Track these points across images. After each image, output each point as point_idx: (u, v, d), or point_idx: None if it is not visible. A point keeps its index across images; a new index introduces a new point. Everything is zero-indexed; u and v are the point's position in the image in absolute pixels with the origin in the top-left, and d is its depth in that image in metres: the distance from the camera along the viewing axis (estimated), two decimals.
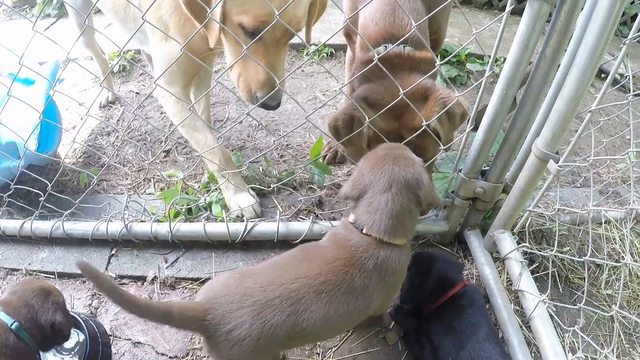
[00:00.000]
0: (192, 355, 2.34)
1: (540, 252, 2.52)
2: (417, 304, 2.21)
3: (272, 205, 3.01)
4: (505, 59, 1.91)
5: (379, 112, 2.15)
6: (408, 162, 1.81)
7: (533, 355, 2.23)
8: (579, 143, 3.51)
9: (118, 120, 3.96)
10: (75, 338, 2.27)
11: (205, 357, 2.33)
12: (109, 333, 2.42)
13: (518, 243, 2.47)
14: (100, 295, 2.62)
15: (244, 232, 2.66)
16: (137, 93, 4.30)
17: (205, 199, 2.93)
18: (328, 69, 3.25)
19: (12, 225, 2.87)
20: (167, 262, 2.73)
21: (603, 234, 2.90)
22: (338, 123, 2.30)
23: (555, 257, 2.53)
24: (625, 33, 5.56)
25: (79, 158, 3.59)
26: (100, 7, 2.93)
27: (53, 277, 2.73)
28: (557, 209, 2.44)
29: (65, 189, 3.28)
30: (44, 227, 2.83)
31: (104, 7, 2.88)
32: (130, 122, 3.89)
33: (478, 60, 4.52)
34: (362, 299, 1.72)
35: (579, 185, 3.39)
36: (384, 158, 1.82)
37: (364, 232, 1.76)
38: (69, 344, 2.25)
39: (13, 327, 1.85)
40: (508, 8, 1.74)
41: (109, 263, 2.75)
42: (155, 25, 2.25)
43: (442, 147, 2.21)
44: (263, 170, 3.27)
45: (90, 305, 2.58)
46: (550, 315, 2.20)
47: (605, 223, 2.95)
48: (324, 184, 3.06)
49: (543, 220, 2.83)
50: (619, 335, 2.46)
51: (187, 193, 3.00)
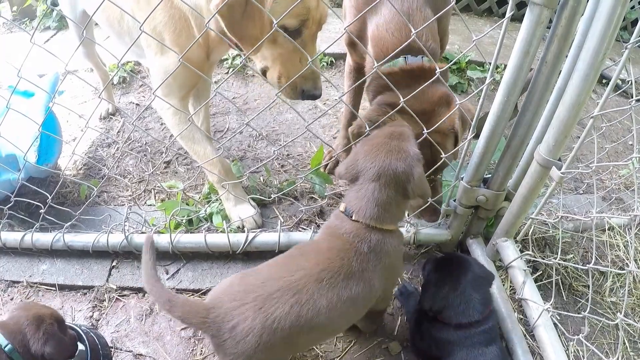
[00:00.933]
0: None
1: (544, 260, 2.51)
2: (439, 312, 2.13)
3: (273, 216, 3.01)
4: (506, 66, 1.90)
5: (406, 116, 2.18)
6: (401, 154, 1.81)
7: None
8: (581, 149, 3.50)
9: (118, 132, 3.96)
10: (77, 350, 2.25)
11: None
12: (110, 345, 2.41)
13: (521, 251, 2.46)
14: (101, 307, 2.61)
15: (245, 242, 2.65)
16: (137, 104, 4.29)
17: (206, 210, 2.93)
18: (328, 78, 3.25)
19: (12, 238, 2.86)
20: (168, 273, 2.72)
21: (607, 241, 2.88)
22: (362, 130, 2.28)
23: (559, 264, 2.52)
24: (626, 38, 5.56)
25: (80, 170, 3.58)
26: (97, 20, 2.94)
27: (54, 289, 2.72)
28: (560, 217, 2.41)
29: (66, 201, 3.27)
30: (45, 239, 2.82)
31: (100, 20, 2.88)
32: (131, 133, 3.88)
33: (478, 68, 4.51)
34: (363, 283, 1.75)
35: (582, 192, 3.37)
36: (379, 147, 1.84)
37: (353, 218, 1.82)
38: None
39: (6, 349, 1.88)
40: (508, 14, 1.72)
41: (110, 275, 2.74)
42: (152, 35, 2.25)
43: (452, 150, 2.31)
44: (264, 181, 3.26)
45: (92, 317, 2.57)
46: (555, 324, 2.19)
47: (609, 230, 2.93)
48: (325, 194, 3.04)
49: (546, 228, 2.81)
50: (624, 344, 2.43)
51: (187, 204, 3.00)
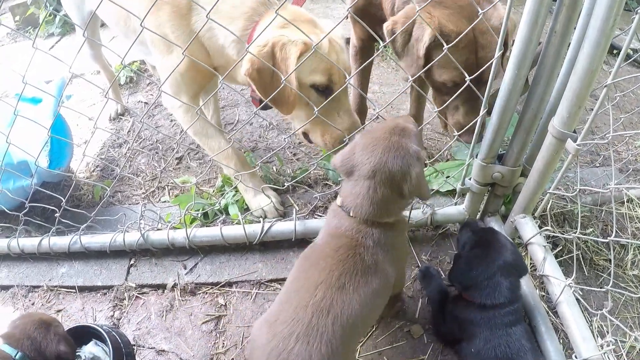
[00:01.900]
0: None
1: (563, 235, 2.47)
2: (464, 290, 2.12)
3: (288, 205, 3.00)
4: (514, 40, 1.87)
5: (447, 11, 2.08)
6: (399, 152, 1.74)
7: (561, 341, 2.18)
8: (595, 122, 3.46)
9: (128, 132, 3.98)
10: (100, 350, 2.27)
11: None
12: (133, 343, 2.42)
13: (540, 227, 2.43)
14: (122, 306, 2.62)
15: (261, 233, 2.66)
16: (145, 103, 4.31)
17: (220, 202, 2.93)
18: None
19: (30, 243, 2.89)
20: (186, 268, 2.73)
21: (626, 213, 2.84)
22: (397, 26, 2.17)
23: (579, 239, 2.49)
24: (634, 7, 5.48)
25: (93, 172, 3.61)
26: (104, 19, 2.95)
27: (74, 291, 2.75)
28: (577, 190, 2.38)
29: (81, 203, 3.29)
30: (62, 242, 2.85)
31: (108, 20, 2.90)
32: (140, 131, 3.89)
33: None
34: (380, 274, 1.75)
35: (599, 165, 3.33)
36: (378, 141, 1.77)
37: (351, 214, 1.78)
38: (94, 357, 2.26)
39: (17, 357, 1.91)
40: None
41: (129, 273, 2.76)
42: (156, 32, 2.24)
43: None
44: (277, 170, 3.27)
45: (112, 317, 2.58)
46: (577, 300, 2.16)
47: (628, 202, 2.88)
48: (339, 179, 3.01)
49: (564, 203, 2.79)
50: None
51: (201, 198, 3.01)
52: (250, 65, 2.08)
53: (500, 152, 2.35)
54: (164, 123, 4.01)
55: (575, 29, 1.89)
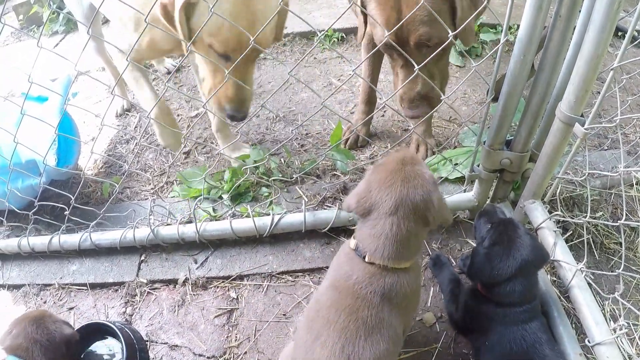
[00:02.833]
0: (229, 354, 2.35)
1: (573, 219, 2.47)
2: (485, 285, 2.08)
3: (297, 196, 3.01)
4: (519, 26, 1.87)
5: None
6: (418, 181, 1.67)
7: (574, 326, 2.18)
8: (602, 105, 3.45)
9: (135, 127, 3.99)
10: (113, 346, 2.30)
11: (242, 354, 2.34)
12: (145, 338, 2.44)
13: (549, 212, 2.41)
14: (134, 302, 2.64)
15: (271, 225, 2.67)
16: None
17: (230, 193, 2.96)
18: (341, 53, 3.20)
19: (40, 242, 2.91)
20: (196, 262, 2.74)
21: (635, 196, 2.83)
22: None
23: (589, 223, 2.49)
24: None
25: (101, 169, 3.62)
26: (104, 13, 2.96)
27: (85, 288, 2.77)
28: (586, 174, 2.38)
29: (90, 200, 3.30)
30: (72, 240, 2.86)
31: (106, 12, 2.91)
32: (147, 127, 3.89)
33: (491, 30, 4.46)
34: (386, 331, 1.61)
35: (607, 148, 3.32)
36: (393, 174, 1.69)
37: (367, 260, 1.67)
38: (107, 353, 2.29)
39: None
40: None
41: (140, 269, 2.78)
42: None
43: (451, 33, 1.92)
44: (285, 162, 3.27)
45: (125, 313, 2.61)
46: (589, 284, 2.15)
47: (637, 185, 2.87)
48: (348, 170, 3.04)
49: (573, 187, 2.78)
50: None
51: (209, 192, 3.02)
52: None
53: (508, 138, 2.34)
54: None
55: (580, 12, 1.88)
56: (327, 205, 2.91)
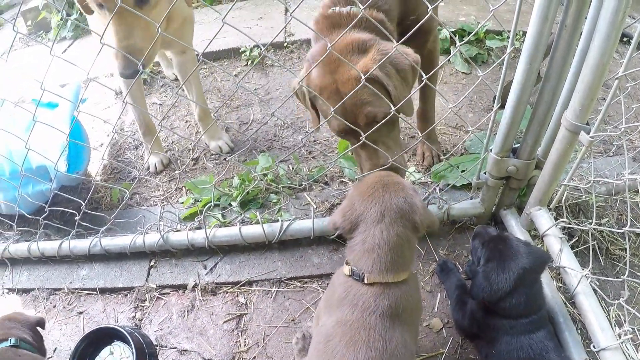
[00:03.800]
0: (238, 358, 2.39)
1: (579, 226, 2.48)
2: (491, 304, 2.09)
3: (305, 203, 3.04)
4: (526, 33, 1.90)
5: (319, 67, 2.14)
6: (397, 186, 1.74)
7: (579, 332, 2.21)
8: (608, 111, 3.46)
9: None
10: (123, 351, 2.34)
11: (252, 359, 2.37)
12: (155, 343, 2.47)
13: (555, 219, 2.44)
14: (143, 307, 2.68)
15: (280, 231, 2.70)
16: (159, 104, 4.35)
17: (235, 198, 3.01)
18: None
19: (50, 247, 2.95)
20: (206, 268, 2.78)
21: None
22: (295, 87, 2.29)
23: (595, 230, 2.51)
24: None
25: (110, 174, 3.65)
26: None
27: (95, 293, 2.80)
28: (592, 181, 2.40)
29: (99, 206, 3.34)
30: (82, 245, 2.90)
31: None
32: (157, 134, 3.92)
33: (497, 37, 4.44)
34: (398, 347, 1.59)
35: (612, 155, 3.32)
36: (373, 186, 1.75)
37: (367, 281, 1.65)
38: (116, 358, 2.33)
39: (12, 343, 2.14)
40: None
41: (149, 274, 2.81)
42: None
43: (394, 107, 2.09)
44: (293, 169, 3.30)
45: (134, 318, 2.64)
46: (594, 290, 2.18)
47: None
48: (356, 177, 3.05)
49: (579, 194, 2.80)
50: None
51: (218, 199, 3.05)
52: None
53: (515, 145, 2.37)
54: (180, 124, 4.05)
55: (586, 21, 1.90)
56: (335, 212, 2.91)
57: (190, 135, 3.90)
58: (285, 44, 4.70)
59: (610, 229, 2.58)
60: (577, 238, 2.59)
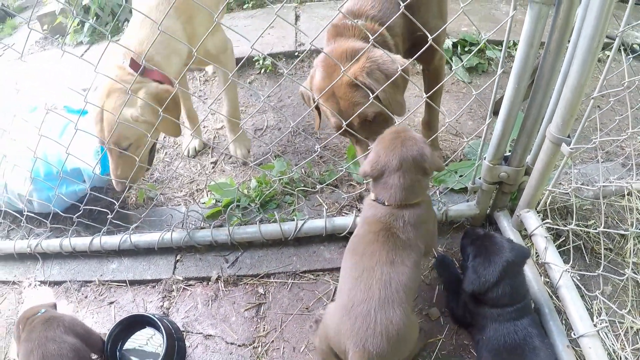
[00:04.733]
0: (257, 342, 2.60)
1: (563, 226, 2.69)
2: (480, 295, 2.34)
3: (317, 204, 3.24)
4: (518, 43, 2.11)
5: (320, 72, 2.41)
6: (412, 141, 2.12)
7: (563, 322, 2.40)
8: (601, 118, 3.56)
9: (165, 137, 4.18)
10: (153, 335, 2.59)
11: (270, 343, 2.58)
12: (182, 329, 2.69)
13: (543, 220, 2.64)
14: (170, 297, 2.89)
15: (296, 229, 2.92)
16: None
17: (255, 199, 3.23)
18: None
19: (82, 242, 3.17)
20: (228, 262, 2.99)
21: (626, 206, 2.99)
22: (301, 90, 2.64)
23: (581, 230, 2.73)
24: None
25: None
26: None
27: (124, 284, 3.02)
28: (572, 187, 2.62)
29: (126, 205, 3.54)
30: (112, 241, 3.13)
31: None
32: (176, 138, 4.13)
33: (497, 47, 4.55)
34: (414, 248, 2.10)
35: (602, 160, 3.46)
36: (393, 141, 2.13)
37: (386, 204, 2.12)
38: (150, 347, 2.58)
39: (42, 312, 2.44)
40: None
41: (175, 268, 3.03)
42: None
43: (391, 111, 2.39)
44: (306, 172, 3.48)
45: (162, 307, 2.85)
46: (578, 286, 2.39)
47: (629, 195, 3.03)
48: (364, 181, 3.23)
49: (567, 197, 2.92)
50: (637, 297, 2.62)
51: (239, 200, 3.25)
52: None
53: (507, 154, 2.56)
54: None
55: (569, 47, 2.10)
56: (345, 212, 3.15)
57: (209, 140, 4.07)
58: (296, 53, 4.78)
59: (587, 230, 2.76)
60: (564, 238, 2.76)
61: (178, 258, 3.08)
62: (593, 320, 2.25)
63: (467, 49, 4.64)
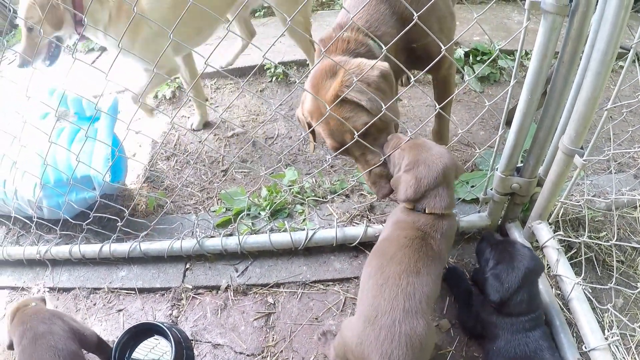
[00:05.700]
0: (266, 352, 2.58)
1: (575, 239, 2.65)
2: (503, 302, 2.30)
3: (328, 213, 3.23)
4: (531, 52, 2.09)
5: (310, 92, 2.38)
6: (445, 154, 2.15)
7: (574, 335, 2.38)
8: (614, 129, 3.54)
9: (175, 145, 4.21)
10: (162, 344, 2.56)
11: (279, 353, 2.57)
12: (191, 338, 2.68)
13: (555, 232, 2.61)
14: (179, 305, 2.88)
15: (306, 239, 2.90)
16: (188, 117, 4.54)
17: (265, 208, 3.23)
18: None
19: (91, 249, 3.17)
20: (237, 271, 2.98)
21: (638, 217, 2.98)
22: (297, 114, 2.58)
23: (592, 242, 2.69)
24: None
25: (144, 183, 3.86)
26: None
27: (133, 292, 3.02)
28: (585, 199, 2.58)
29: (135, 213, 3.54)
30: (122, 248, 3.12)
31: None
32: (187, 145, 4.16)
33: (509, 57, 4.54)
34: (441, 260, 2.15)
35: (615, 172, 3.44)
36: (430, 158, 2.12)
37: (427, 212, 2.12)
38: (158, 355, 2.55)
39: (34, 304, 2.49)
40: (527, 5, 1.94)
41: (185, 276, 3.02)
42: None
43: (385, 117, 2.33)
44: (316, 181, 3.48)
45: (171, 315, 2.85)
46: (590, 298, 2.36)
47: None
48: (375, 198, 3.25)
49: (579, 209, 2.91)
50: None
51: (249, 208, 3.25)
52: None
53: (519, 165, 2.54)
54: (209, 137, 4.23)
55: (582, 58, 2.09)
56: (355, 222, 3.13)
57: (219, 148, 4.08)
58: (307, 62, 4.75)
59: (599, 242, 2.72)
60: (576, 250, 2.74)
61: (187, 266, 3.07)
62: (604, 334, 2.23)
63: (479, 59, 4.62)
